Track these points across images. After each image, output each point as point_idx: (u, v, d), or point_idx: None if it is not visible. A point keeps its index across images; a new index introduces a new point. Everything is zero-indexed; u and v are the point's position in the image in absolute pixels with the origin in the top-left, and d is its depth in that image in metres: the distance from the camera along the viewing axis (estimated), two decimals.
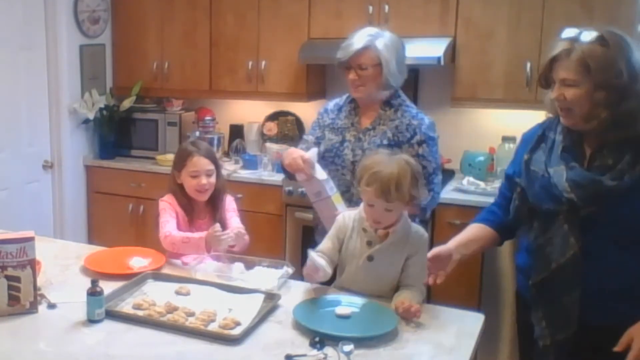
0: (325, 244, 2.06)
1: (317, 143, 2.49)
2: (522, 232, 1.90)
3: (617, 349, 1.62)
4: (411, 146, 2.37)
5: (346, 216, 2.07)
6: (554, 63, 1.69)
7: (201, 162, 2.40)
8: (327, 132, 2.50)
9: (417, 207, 2.20)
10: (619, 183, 1.64)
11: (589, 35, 1.64)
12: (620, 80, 1.60)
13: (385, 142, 2.37)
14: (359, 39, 2.35)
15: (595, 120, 1.66)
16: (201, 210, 2.46)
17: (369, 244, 1.98)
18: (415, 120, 2.40)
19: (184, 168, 2.42)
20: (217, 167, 2.48)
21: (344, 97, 2.55)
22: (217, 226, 2.23)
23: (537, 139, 1.86)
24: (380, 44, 2.34)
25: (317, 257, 1.94)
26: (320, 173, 2.29)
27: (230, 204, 2.52)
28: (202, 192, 2.41)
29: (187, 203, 2.44)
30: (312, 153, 2.31)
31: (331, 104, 2.59)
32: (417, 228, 2.04)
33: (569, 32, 1.69)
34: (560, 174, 1.72)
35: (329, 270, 1.98)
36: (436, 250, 1.90)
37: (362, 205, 2.02)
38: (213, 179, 2.43)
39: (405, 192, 1.89)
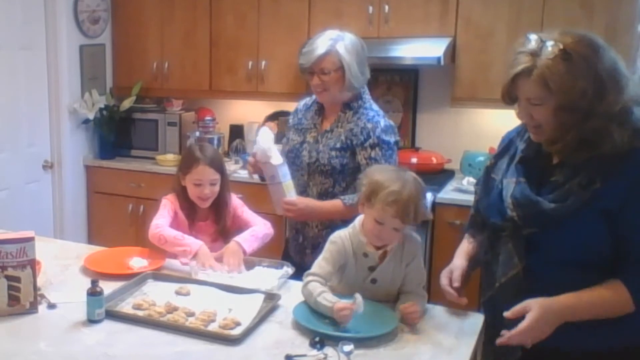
0: (325, 268, 1.92)
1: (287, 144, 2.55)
2: (478, 244, 1.81)
3: (507, 315, 1.55)
4: (364, 149, 2.33)
5: (343, 238, 1.93)
6: (516, 80, 1.55)
7: (206, 172, 2.37)
8: (291, 133, 2.53)
9: None
10: (559, 206, 1.53)
11: (550, 49, 1.48)
12: (584, 100, 1.47)
13: (338, 145, 2.37)
14: (320, 44, 2.35)
15: (560, 142, 1.55)
16: (204, 213, 2.46)
17: (371, 269, 1.92)
18: (370, 124, 2.35)
19: (188, 174, 2.39)
20: (223, 174, 2.45)
21: (314, 96, 2.53)
22: (217, 267, 2.20)
23: (507, 143, 1.76)
24: (341, 47, 2.34)
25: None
26: (276, 158, 2.32)
27: (236, 201, 2.52)
28: (204, 200, 2.40)
29: (189, 206, 2.43)
30: (264, 134, 2.38)
31: (302, 104, 2.59)
32: (409, 233, 1.96)
33: (531, 43, 1.52)
34: (508, 188, 1.63)
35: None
36: (458, 272, 1.82)
37: (357, 226, 1.93)
38: (217, 188, 2.41)
39: (421, 213, 1.85)
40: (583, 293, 1.55)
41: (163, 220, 2.35)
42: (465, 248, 1.91)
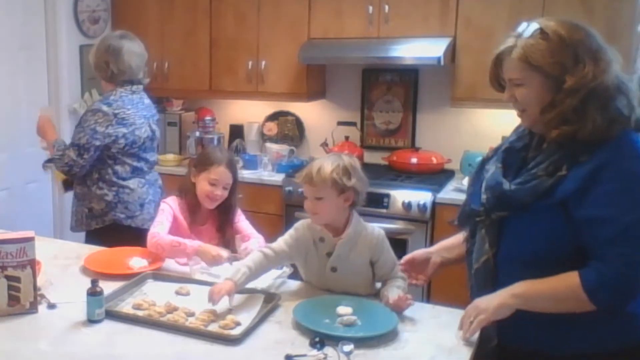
0: (282, 246, 2.01)
1: None
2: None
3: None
4: None
5: (305, 226, 2.05)
6: (501, 59, 1.61)
7: (224, 175, 2.37)
8: None
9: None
10: (518, 189, 1.55)
11: (531, 30, 1.56)
12: (562, 75, 1.50)
13: None
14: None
15: (542, 121, 1.56)
16: (205, 216, 2.45)
17: (329, 255, 1.99)
18: (94, 106, 2.83)
19: (205, 171, 2.38)
20: (235, 182, 2.45)
21: None
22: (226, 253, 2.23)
23: (507, 138, 1.77)
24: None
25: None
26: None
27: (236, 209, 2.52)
28: (213, 200, 2.39)
29: (192, 206, 2.42)
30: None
31: None
32: (372, 228, 2.04)
33: (519, 27, 1.60)
34: (488, 172, 1.68)
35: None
36: (410, 254, 1.93)
37: None
38: (227, 193, 2.42)
39: (327, 176, 1.93)
40: (535, 281, 1.56)
41: (160, 227, 2.33)
42: (444, 240, 1.99)
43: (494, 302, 1.58)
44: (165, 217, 2.37)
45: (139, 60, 2.86)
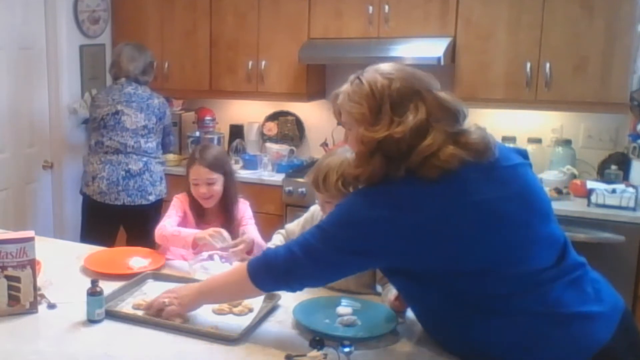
0: (294, 227, 2.26)
1: None
2: None
3: None
4: None
5: (318, 210, 2.16)
6: (336, 103, 1.63)
7: (200, 172, 2.40)
8: None
9: None
10: None
11: (352, 77, 1.57)
12: (364, 124, 1.50)
13: None
14: None
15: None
16: (211, 215, 2.47)
17: None
18: None
19: (188, 174, 2.45)
20: (225, 174, 2.46)
21: None
22: (222, 232, 2.25)
23: None
24: None
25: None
26: None
27: (246, 211, 2.52)
28: (203, 199, 2.41)
29: (197, 206, 2.46)
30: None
31: None
32: None
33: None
34: None
35: None
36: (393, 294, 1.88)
37: None
38: (216, 187, 2.42)
39: (331, 187, 1.89)
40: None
41: (169, 220, 2.39)
42: None
43: (187, 300, 1.77)
44: (174, 211, 2.44)
45: (131, 62, 3.51)
